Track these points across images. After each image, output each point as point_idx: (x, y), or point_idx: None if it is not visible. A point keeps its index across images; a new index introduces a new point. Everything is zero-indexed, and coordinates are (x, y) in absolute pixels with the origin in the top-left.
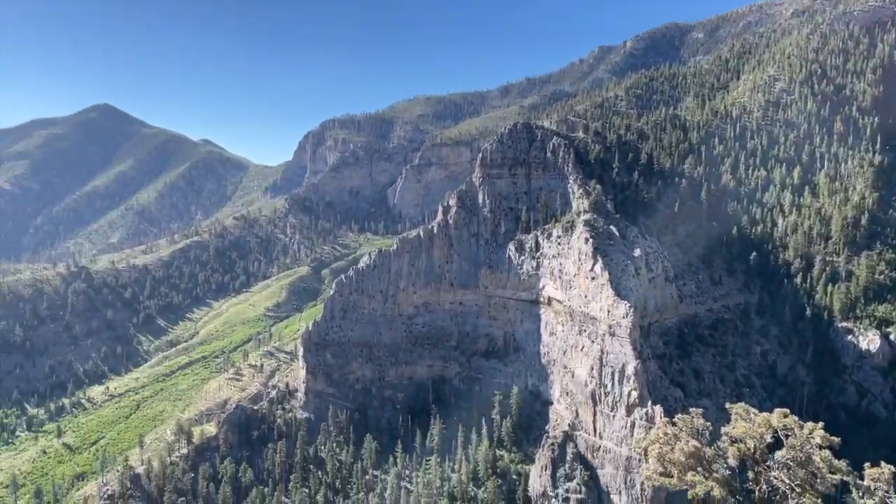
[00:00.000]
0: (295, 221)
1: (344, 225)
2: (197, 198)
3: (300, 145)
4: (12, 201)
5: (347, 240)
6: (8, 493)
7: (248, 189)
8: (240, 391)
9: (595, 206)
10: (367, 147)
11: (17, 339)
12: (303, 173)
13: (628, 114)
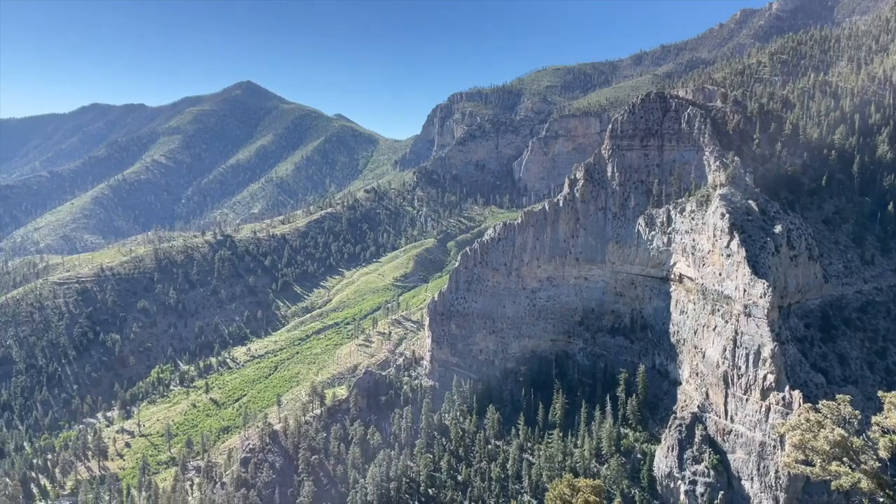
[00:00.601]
0: (422, 194)
1: (469, 198)
2: (331, 171)
3: (428, 119)
4: (167, 174)
5: (473, 213)
6: (163, 441)
7: (378, 162)
8: (369, 357)
9: (732, 180)
10: (494, 120)
11: (171, 301)
12: (430, 147)
13: (772, 81)
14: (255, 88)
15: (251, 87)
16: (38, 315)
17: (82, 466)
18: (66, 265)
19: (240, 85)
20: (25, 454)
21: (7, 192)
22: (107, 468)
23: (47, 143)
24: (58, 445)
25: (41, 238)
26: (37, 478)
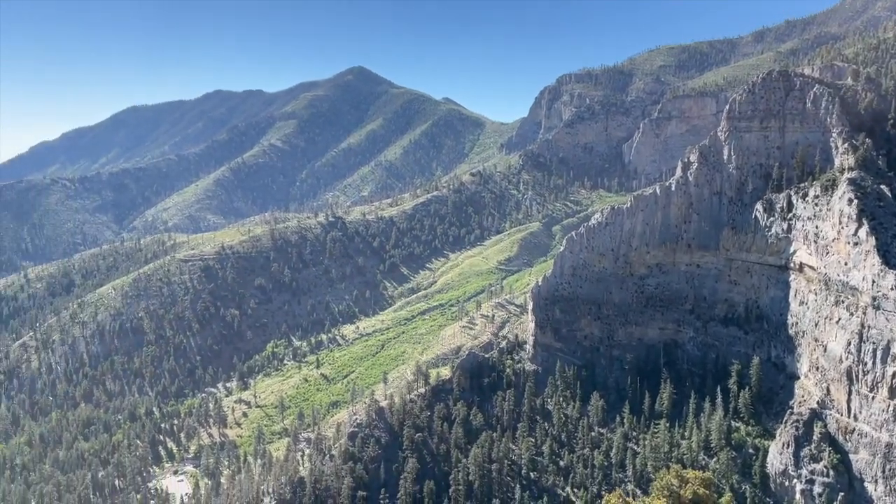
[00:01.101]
0: (528, 178)
1: (576, 181)
2: (437, 154)
3: (536, 101)
4: (283, 157)
5: (579, 196)
6: (277, 412)
7: (485, 146)
8: (472, 339)
9: (862, 163)
10: (604, 101)
11: (285, 279)
12: (537, 129)
13: None
14: (367, 73)
15: (363, 72)
16: (167, 290)
17: (204, 432)
18: (190, 243)
19: (351, 70)
20: (154, 418)
21: (140, 174)
22: (226, 435)
23: (175, 128)
24: (182, 412)
25: (169, 217)
26: (164, 441)
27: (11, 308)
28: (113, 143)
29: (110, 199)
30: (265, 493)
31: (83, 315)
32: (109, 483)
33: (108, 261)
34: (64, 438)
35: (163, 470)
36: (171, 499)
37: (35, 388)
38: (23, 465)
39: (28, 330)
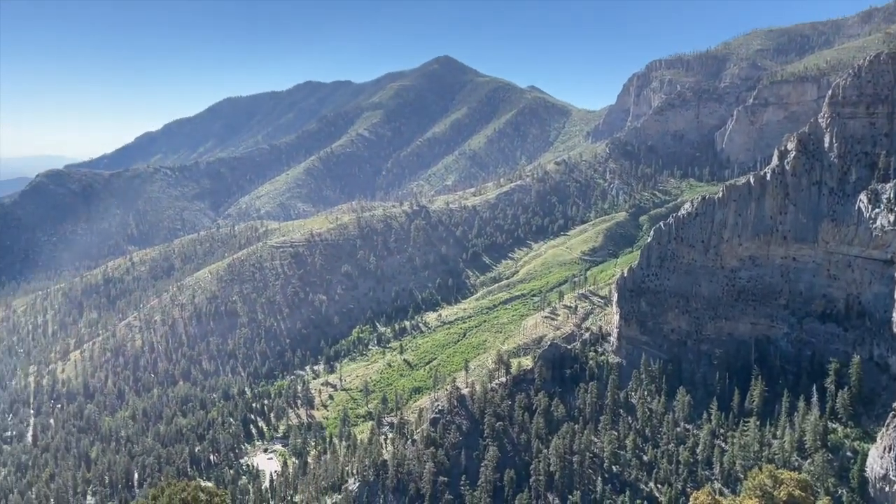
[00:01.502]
0: (615, 166)
1: (665, 170)
2: (522, 143)
3: (624, 88)
4: (369, 147)
5: (668, 186)
6: (361, 396)
7: (570, 134)
8: (554, 329)
9: None
10: (695, 87)
11: (371, 266)
12: (625, 117)
13: None
14: (452, 63)
15: (448, 61)
16: (259, 274)
17: (292, 413)
18: (281, 230)
19: (437, 60)
20: (246, 398)
21: (235, 163)
22: (313, 416)
23: (268, 119)
24: (272, 392)
25: (262, 205)
26: (255, 420)
27: (118, 289)
28: (210, 134)
29: (207, 187)
30: (349, 474)
31: (182, 297)
32: (205, 458)
33: (205, 246)
34: (164, 414)
35: (254, 447)
36: (262, 475)
37: (139, 365)
38: (127, 437)
39: (133, 310)
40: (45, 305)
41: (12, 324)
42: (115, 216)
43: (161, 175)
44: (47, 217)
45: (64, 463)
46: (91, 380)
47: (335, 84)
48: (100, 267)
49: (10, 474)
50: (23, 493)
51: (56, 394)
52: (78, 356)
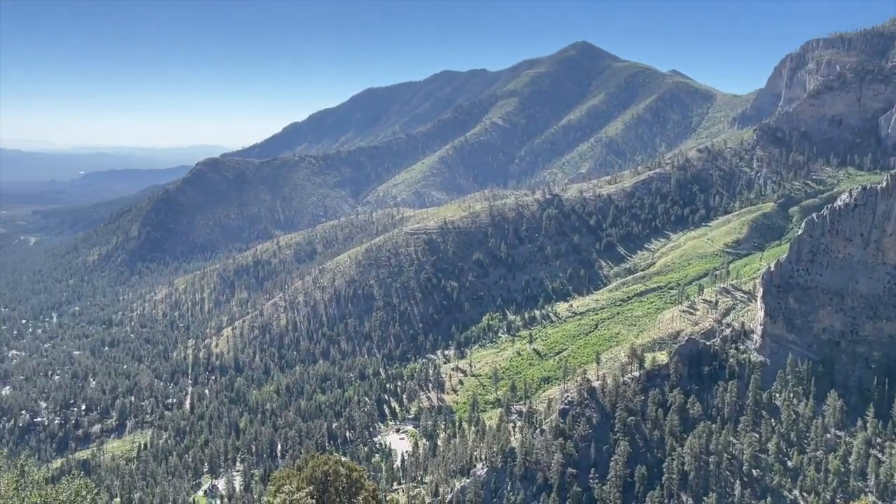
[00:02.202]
0: (763, 154)
1: (820, 158)
2: (661, 129)
3: (775, 71)
4: (503, 135)
5: (823, 175)
6: (490, 382)
7: (714, 120)
8: (692, 325)
9: None
10: (858, 68)
11: (502, 254)
12: (775, 101)
13: None
14: (590, 48)
15: (586, 46)
16: (394, 260)
17: (424, 395)
18: (416, 218)
19: (574, 45)
20: (381, 379)
21: (374, 152)
22: (443, 400)
23: (405, 108)
24: (405, 375)
25: (398, 193)
26: (388, 400)
27: (266, 271)
28: (351, 123)
29: (348, 175)
30: (478, 459)
31: (323, 280)
32: (341, 434)
33: (344, 232)
34: (305, 390)
35: (387, 427)
36: (394, 454)
37: (283, 343)
38: (271, 410)
39: (278, 291)
40: (202, 284)
41: (174, 300)
42: (263, 202)
43: (306, 163)
44: (205, 202)
45: (216, 430)
46: (241, 355)
47: (470, 73)
48: (250, 250)
49: (170, 437)
50: (181, 456)
51: (211, 366)
52: (230, 332)
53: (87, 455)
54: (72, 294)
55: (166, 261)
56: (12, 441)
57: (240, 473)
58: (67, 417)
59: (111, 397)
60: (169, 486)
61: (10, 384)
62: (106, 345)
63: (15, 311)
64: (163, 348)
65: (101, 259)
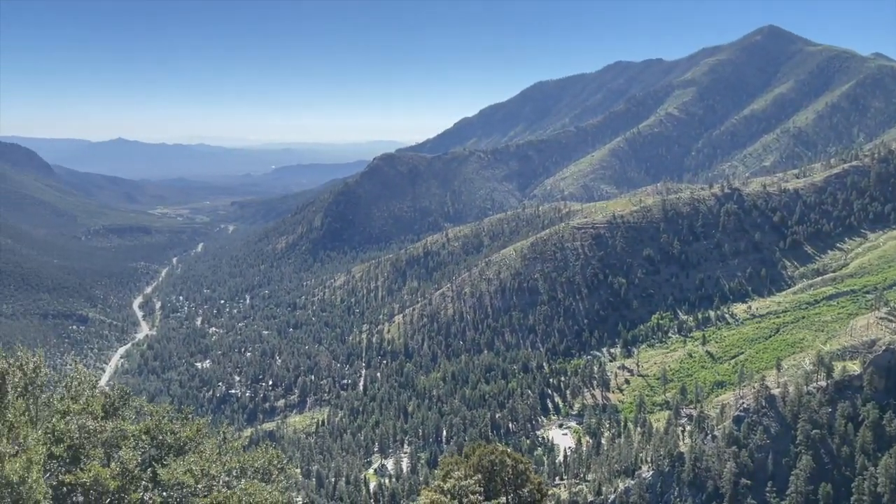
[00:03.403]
0: None
1: None
2: (861, 118)
3: None
4: (678, 126)
5: None
6: (659, 384)
7: None
8: (892, 333)
9: None
10: None
11: (674, 251)
12: None
13: None
14: (778, 32)
15: (773, 31)
16: (560, 255)
17: (588, 392)
18: (583, 212)
19: (761, 30)
20: (544, 373)
21: (542, 145)
22: (608, 398)
23: (575, 101)
24: (569, 370)
25: (565, 187)
26: (551, 395)
27: (435, 262)
28: (520, 118)
29: (516, 169)
30: (643, 461)
31: (489, 272)
32: (504, 424)
33: (511, 225)
34: (470, 379)
35: (549, 421)
36: (556, 449)
37: (450, 332)
38: (438, 396)
39: (446, 282)
40: (377, 273)
41: (351, 287)
42: (434, 195)
43: (475, 158)
44: (381, 195)
45: (386, 412)
46: (410, 341)
47: (645, 63)
48: (421, 241)
49: (345, 416)
50: (354, 434)
51: (382, 350)
52: (400, 319)
53: (272, 427)
54: (262, 278)
55: (345, 250)
56: (210, 409)
57: (407, 455)
58: (256, 391)
59: (294, 375)
60: (343, 462)
61: (210, 358)
62: (290, 326)
63: (215, 292)
64: (340, 332)
65: (287, 247)
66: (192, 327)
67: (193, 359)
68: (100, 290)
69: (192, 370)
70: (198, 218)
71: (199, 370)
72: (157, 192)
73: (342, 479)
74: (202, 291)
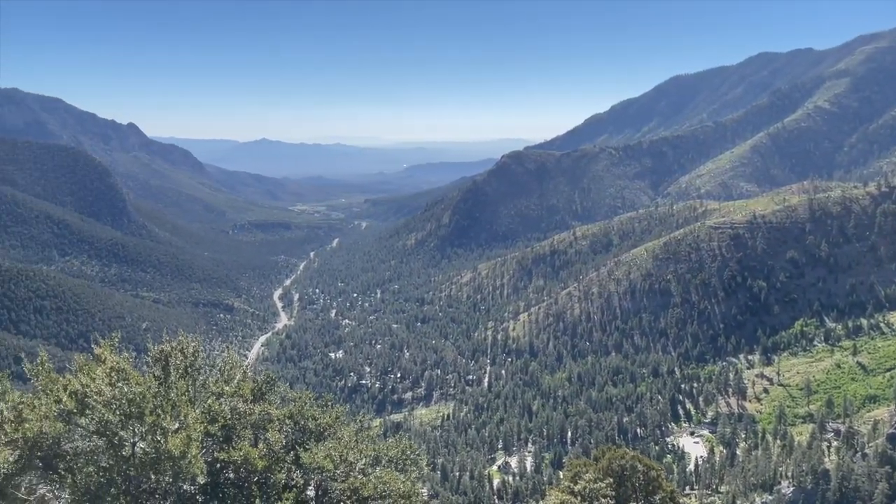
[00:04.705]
0: None
1: None
2: None
3: None
4: (829, 120)
5: None
6: (802, 395)
7: None
8: None
9: None
10: None
11: (821, 254)
12: None
13: None
14: None
15: None
16: (694, 255)
17: (722, 400)
18: (721, 211)
19: None
20: (675, 378)
21: (677, 141)
22: (744, 407)
23: (714, 95)
24: (702, 376)
25: (702, 184)
26: (683, 401)
27: (562, 261)
28: (654, 113)
29: (648, 167)
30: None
31: (618, 273)
32: (631, 429)
33: (642, 224)
34: (596, 381)
35: (680, 428)
36: (687, 458)
37: (576, 332)
38: (563, 397)
39: (573, 281)
40: (503, 270)
41: (477, 284)
42: (562, 193)
43: (605, 155)
44: (508, 193)
45: (511, 410)
46: (535, 340)
47: (792, 53)
48: (547, 239)
49: (470, 412)
50: (478, 430)
51: (507, 348)
52: (526, 318)
53: (400, 418)
54: (392, 273)
55: (472, 247)
56: (342, 398)
57: (531, 454)
58: (385, 383)
59: (421, 369)
60: (467, 457)
61: (343, 349)
62: (418, 321)
63: (349, 285)
64: (465, 328)
65: (416, 244)
66: (327, 319)
67: (327, 349)
68: (244, 282)
69: (326, 360)
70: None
71: (332, 360)
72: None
73: (466, 474)
74: (336, 285)
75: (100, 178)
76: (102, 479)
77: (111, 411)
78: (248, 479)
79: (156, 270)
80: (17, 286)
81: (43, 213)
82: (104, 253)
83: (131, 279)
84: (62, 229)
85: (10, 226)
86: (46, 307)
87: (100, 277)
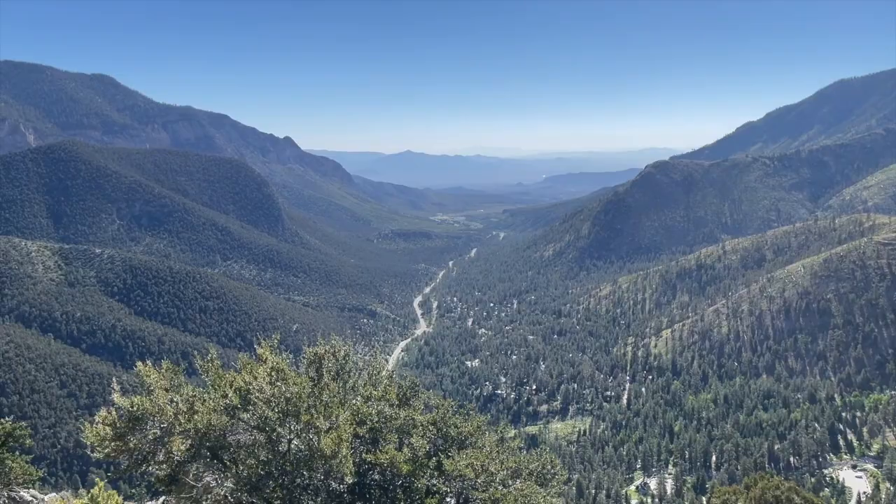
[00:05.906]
0: None
1: None
2: None
3: None
4: None
5: None
6: None
7: None
8: None
9: None
10: None
11: None
12: None
13: None
14: None
15: None
16: (860, 273)
17: (890, 433)
18: (891, 225)
19: None
20: (835, 405)
21: (840, 150)
22: None
23: (885, 100)
24: (867, 405)
25: (869, 197)
26: (843, 430)
27: (709, 276)
28: (815, 120)
29: (807, 177)
30: None
31: (771, 290)
32: (784, 458)
33: (799, 239)
34: (745, 404)
35: (839, 460)
36: (847, 492)
37: (723, 351)
38: (707, 419)
39: (721, 297)
40: (644, 284)
41: (617, 298)
42: (710, 205)
43: (758, 165)
44: (652, 204)
45: (650, 430)
46: (678, 358)
47: None
48: (693, 253)
49: (607, 429)
50: (616, 448)
51: (648, 365)
52: (668, 334)
53: (535, 431)
54: (529, 284)
55: (611, 259)
56: (477, 407)
57: (671, 476)
58: (521, 394)
59: (557, 382)
60: (604, 475)
61: (479, 358)
62: (555, 333)
63: (486, 295)
64: (604, 342)
65: (554, 255)
66: (464, 327)
67: (464, 357)
68: (387, 288)
69: (463, 368)
70: (472, 224)
71: (468, 368)
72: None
73: (602, 492)
74: (474, 294)
75: (258, 188)
76: (262, 472)
77: (270, 408)
78: (393, 482)
79: (306, 276)
80: (186, 287)
81: (209, 221)
82: (261, 258)
83: (284, 283)
84: (225, 235)
85: (181, 231)
86: (210, 307)
87: (256, 281)
